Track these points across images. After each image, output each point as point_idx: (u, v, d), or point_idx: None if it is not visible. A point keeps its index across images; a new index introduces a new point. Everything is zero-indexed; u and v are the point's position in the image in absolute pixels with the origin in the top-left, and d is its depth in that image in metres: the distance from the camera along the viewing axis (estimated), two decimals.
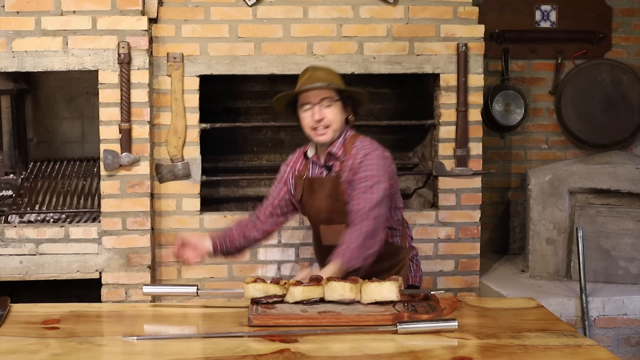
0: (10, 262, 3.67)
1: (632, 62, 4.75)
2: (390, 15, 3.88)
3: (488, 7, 4.56)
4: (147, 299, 3.27)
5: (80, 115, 4.51)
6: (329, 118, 2.73)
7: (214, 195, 4.36)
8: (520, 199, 4.65)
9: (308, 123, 2.76)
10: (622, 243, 4.09)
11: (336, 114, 2.75)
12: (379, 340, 2.05)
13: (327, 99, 2.73)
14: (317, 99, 2.73)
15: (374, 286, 2.26)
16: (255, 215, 2.95)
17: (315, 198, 2.81)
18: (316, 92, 2.73)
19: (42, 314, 2.28)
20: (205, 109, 3.93)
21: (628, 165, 4.12)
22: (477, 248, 4.03)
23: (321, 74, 2.79)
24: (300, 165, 2.91)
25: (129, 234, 3.73)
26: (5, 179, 4.25)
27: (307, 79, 2.77)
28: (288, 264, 3.92)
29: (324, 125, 2.73)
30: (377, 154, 2.73)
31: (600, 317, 3.82)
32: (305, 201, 2.85)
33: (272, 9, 3.83)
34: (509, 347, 2.00)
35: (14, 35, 3.62)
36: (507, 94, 4.63)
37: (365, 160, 2.71)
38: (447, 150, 3.98)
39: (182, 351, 1.98)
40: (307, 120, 2.76)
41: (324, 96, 2.73)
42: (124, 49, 3.63)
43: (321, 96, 2.73)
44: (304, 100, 2.76)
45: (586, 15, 4.69)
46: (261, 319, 2.15)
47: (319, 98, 2.73)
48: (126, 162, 3.69)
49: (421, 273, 2.97)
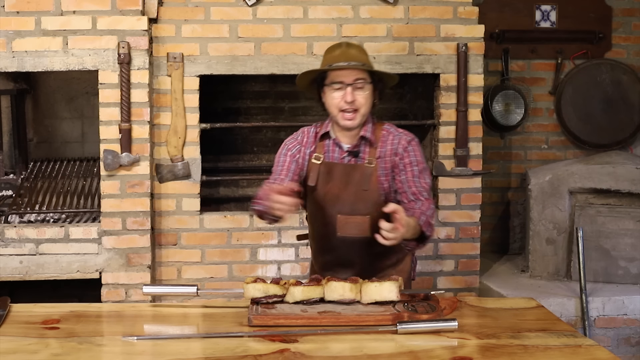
0: (10, 262, 3.67)
1: (632, 62, 4.75)
2: (390, 15, 3.88)
3: (488, 7, 4.56)
4: (147, 299, 3.27)
5: (80, 115, 4.51)
6: (360, 101, 2.54)
7: (214, 195, 4.36)
8: (520, 199, 4.65)
9: (337, 103, 2.54)
10: (622, 243, 4.09)
11: (367, 98, 2.56)
12: (379, 340, 2.05)
13: (361, 80, 2.53)
14: (351, 79, 2.52)
15: (374, 286, 2.26)
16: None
17: (334, 185, 2.62)
18: (350, 71, 2.52)
19: (42, 314, 2.28)
20: (205, 109, 3.93)
21: (628, 165, 4.12)
22: (477, 248, 4.03)
23: (355, 52, 2.58)
24: (313, 146, 2.69)
25: (129, 234, 3.73)
26: (5, 179, 4.25)
27: (340, 55, 2.56)
28: (288, 264, 3.92)
29: (354, 108, 2.54)
30: (418, 142, 2.68)
31: (600, 317, 3.82)
32: (320, 187, 2.64)
33: (272, 9, 3.83)
34: (509, 347, 2.00)
35: (14, 35, 3.62)
36: (507, 94, 4.63)
37: (409, 145, 2.62)
38: (447, 150, 3.98)
39: (182, 351, 1.98)
40: (336, 100, 2.54)
41: (358, 77, 2.53)
42: (124, 49, 3.63)
43: (355, 76, 2.53)
44: (336, 78, 2.54)
45: (586, 15, 4.69)
46: (261, 319, 2.15)
47: (352, 78, 2.52)
48: (126, 162, 3.69)
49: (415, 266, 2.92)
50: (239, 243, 3.88)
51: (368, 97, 2.57)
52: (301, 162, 2.68)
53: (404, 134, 2.67)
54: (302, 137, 2.72)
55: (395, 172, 2.63)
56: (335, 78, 2.54)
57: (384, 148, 2.63)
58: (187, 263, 3.87)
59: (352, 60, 2.52)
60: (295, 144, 2.71)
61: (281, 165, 2.69)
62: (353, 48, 2.60)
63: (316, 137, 2.69)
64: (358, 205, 2.60)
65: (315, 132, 2.71)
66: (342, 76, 2.53)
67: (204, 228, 3.86)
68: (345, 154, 2.64)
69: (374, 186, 2.60)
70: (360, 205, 2.60)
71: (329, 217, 2.64)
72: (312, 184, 2.65)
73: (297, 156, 2.68)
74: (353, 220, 2.60)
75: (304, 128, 2.75)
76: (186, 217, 3.86)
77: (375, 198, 2.60)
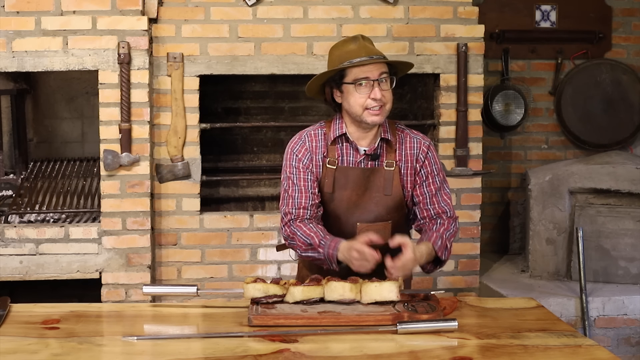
0: (10, 262, 3.67)
1: (632, 62, 4.75)
2: (390, 15, 3.88)
3: (488, 7, 4.56)
4: (147, 299, 3.27)
5: (80, 115, 4.51)
6: (387, 97, 2.40)
7: (214, 195, 4.36)
8: (520, 199, 4.65)
9: (362, 102, 2.38)
10: (622, 243, 4.09)
11: (391, 92, 2.43)
12: (379, 340, 2.05)
13: (385, 74, 2.40)
14: (377, 74, 2.38)
15: (374, 286, 2.26)
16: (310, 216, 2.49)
17: (353, 191, 2.49)
18: (374, 65, 2.37)
19: (42, 314, 2.28)
20: (205, 109, 3.93)
21: (628, 165, 4.12)
22: (477, 248, 4.03)
23: (371, 45, 2.45)
24: (324, 150, 2.52)
25: (129, 234, 3.73)
26: (5, 179, 4.24)
27: (358, 49, 2.39)
28: (288, 264, 3.92)
29: (381, 104, 2.39)
30: (434, 145, 2.60)
31: (600, 317, 3.82)
32: (337, 194, 2.50)
33: (272, 9, 3.83)
34: (509, 347, 2.00)
35: (14, 35, 3.62)
36: (507, 94, 4.63)
37: (429, 151, 2.52)
38: (447, 150, 3.98)
39: (182, 351, 1.98)
40: (361, 99, 2.38)
41: (383, 70, 2.39)
42: (124, 49, 3.63)
43: (380, 70, 2.39)
44: (360, 74, 2.38)
45: (586, 15, 4.69)
46: (261, 319, 2.15)
47: (378, 73, 2.38)
48: (126, 162, 3.69)
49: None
50: (239, 243, 3.88)
51: (391, 91, 2.44)
52: (316, 171, 2.51)
53: (421, 137, 2.56)
54: (309, 142, 2.53)
55: (416, 180, 2.53)
56: (359, 74, 2.38)
57: (403, 150, 2.51)
58: (187, 263, 3.87)
59: (374, 54, 2.39)
60: (304, 152, 2.52)
61: (297, 180, 2.50)
62: (368, 41, 2.46)
63: (326, 140, 2.52)
64: (380, 211, 2.50)
65: (323, 133, 2.53)
66: (367, 72, 2.38)
67: (204, 228, 3.86)
68: (362, 157, 2.50)
69: (396, 190, 2.49)
70: (382, 211, 2.50)
71: (346, 225, 2.52)
72: (328, 191, 2.50)
73: (310, 166, 2.51)
74: (374, 228, 2.46)
75: (306, 131, 2.56)
76: (186, 217, 3.86)
77: (398, 203, 2.52)
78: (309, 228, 2.44)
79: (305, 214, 2.48)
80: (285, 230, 2.51)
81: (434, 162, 2.55)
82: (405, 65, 2.52)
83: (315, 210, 2.50)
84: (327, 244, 2.39)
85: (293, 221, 2.49)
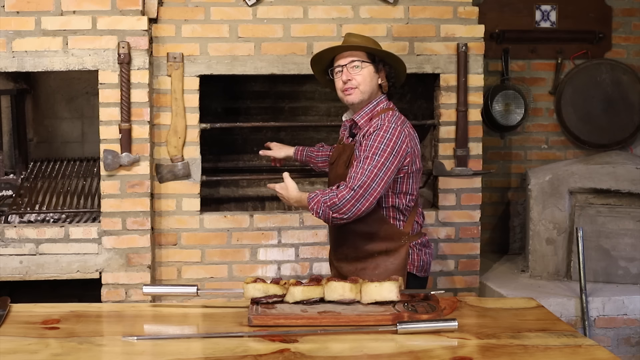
0: (10, 262, 3.67)
1: (632, 62, 4.75)
2: (390, 15, 3.88)
3: (488, 7, 4.56)
4: (147, 299, 3.27)
5: (80, 115, 4.51)
6: (357, 79, 2.79)
7: (214, 195, 4.36)
8: (520, 199, 4.65)
9: (340, 85, 2.82)
10: (622, 243, 4.09)
11: (365, 76, 2.80)
12: (379, 340, 2.05)
13: (356, 61, 2.79)
14: (346, 61, 2.80)
15: (374, 286, 2.26)
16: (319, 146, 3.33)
17: (336, 164, 2.92)
18: (346, 54, 2.81)
19: (42, 314, 2.28)
20: (205, 109, 3.93)
21: (628, 165, 4.12)
22: (477, 248, 4.03)
23: (355, 38, 2.86)
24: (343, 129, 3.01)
25: (129, 234, 3.73)
26: (5, 179, 4.24)
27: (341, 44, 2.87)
28: (288, 264, 3.92)
29: (352, 86, 2.79)
30: (389, 129, 2.72)
31: (600, 317, 3.82)
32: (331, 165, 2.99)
33: (272, 9, 3.83)
34: (509, 347, 2.01)
35: (14, 35, 3.62)
36: (507, 94, 4.63)
37: (374, 132, 2.73)
38: (447, 150, 3.98)
39: (182, 351, 1.98)
40: (338, 83, 2.84)
41: (353, 58, 2.80)
42: (124, 49, 3.63)
43: (351, 58, 2.80)
44: (336, 63, 2.85)
45: (586, 15, 4.70)
46: (261, 319, 2.15)
47: (348, 60, 2.80)
48: (126, 162, 3.69)
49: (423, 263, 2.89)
50: (239, 243, 3.89)
51: (366, 76, 2.80)
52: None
53: (381, 121, 2.75)
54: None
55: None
56: (335, 64, 2.85)
57: (366, 130, 2.78)
58: (187, 263, 3.87)
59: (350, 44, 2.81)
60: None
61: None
62: (354, 36, 2.87)
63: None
64: (342, 182, 2.77)
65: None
66: (340, 60, 2.82)
67: (204, 228, 3.86)
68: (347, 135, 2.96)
69: (350, 164, 2.79)
70: (343, 181, 2.78)
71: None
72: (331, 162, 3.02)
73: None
74: None
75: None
76: (186, 217, 3.86)
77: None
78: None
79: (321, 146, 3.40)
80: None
81: (374, 140, 2.71)
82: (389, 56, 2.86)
83: (326, 150, 3.36)
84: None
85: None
